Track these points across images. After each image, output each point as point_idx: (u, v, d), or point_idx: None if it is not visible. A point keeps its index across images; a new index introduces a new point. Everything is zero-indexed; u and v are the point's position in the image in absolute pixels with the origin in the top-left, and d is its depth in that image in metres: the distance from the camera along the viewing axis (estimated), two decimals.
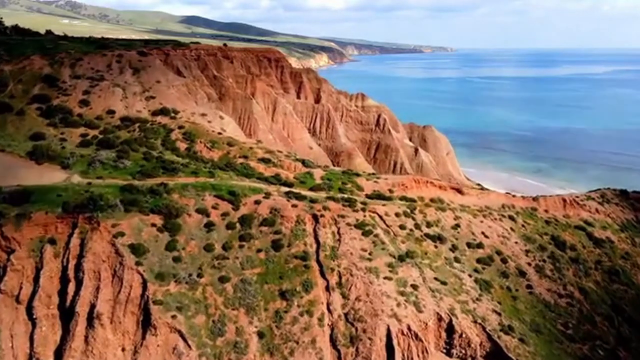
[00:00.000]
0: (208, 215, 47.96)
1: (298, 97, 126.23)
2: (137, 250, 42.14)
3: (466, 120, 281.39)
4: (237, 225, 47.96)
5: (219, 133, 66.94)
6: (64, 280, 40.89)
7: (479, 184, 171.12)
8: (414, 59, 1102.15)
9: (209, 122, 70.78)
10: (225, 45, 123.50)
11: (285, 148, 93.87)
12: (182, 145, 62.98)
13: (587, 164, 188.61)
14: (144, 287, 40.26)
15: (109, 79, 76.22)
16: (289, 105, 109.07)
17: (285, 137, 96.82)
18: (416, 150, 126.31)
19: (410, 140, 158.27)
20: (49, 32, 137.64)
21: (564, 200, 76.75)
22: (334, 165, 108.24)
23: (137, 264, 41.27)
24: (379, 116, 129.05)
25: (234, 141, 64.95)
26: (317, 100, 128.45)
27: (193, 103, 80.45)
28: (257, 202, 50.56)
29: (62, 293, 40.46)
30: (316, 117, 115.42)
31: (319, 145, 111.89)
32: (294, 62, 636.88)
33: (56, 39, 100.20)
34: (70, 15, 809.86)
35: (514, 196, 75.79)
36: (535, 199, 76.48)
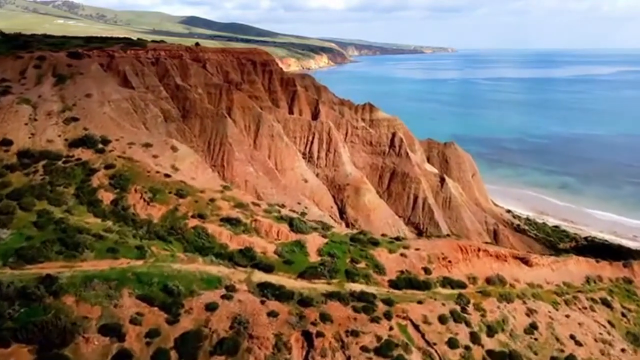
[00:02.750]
0: (121, 338, 30.77)
1: (290, 111, 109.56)
2: None
3: (474, 126, 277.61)
4: (172, 354, 30.66)
5: (167, 175, 49.84)
6: None
7: (509, 211, 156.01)
8: (414, 59, 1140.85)
9: (155, 156, 53.77)
10: (197, 44, 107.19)
11: (270, 184, 76.92)
12: (107, 197, 45.86)
13: (617, 178, 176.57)
14: None
15: (17, 91, 59.62)
16: (278, 124, 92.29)
17: (272, 169, 79.88)
18: (442, 180, 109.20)
19: (429, 160, 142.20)
20: None
21: None
22: (336, 203, 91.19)
23: None
24: (394, 135, 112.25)
25: (187, 189, 47.83)
26: (315, 114, 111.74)
27: (139, 126, 63.58)
28: (211, 308, 33.47)
29: None
30: (313, 138, 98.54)
31: (317, 175, 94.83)
32: (294, 63, 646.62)
33: None
34: (67, 15, 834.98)
35: (597, 261, 58.54)
36: (627, 264, 59.43)
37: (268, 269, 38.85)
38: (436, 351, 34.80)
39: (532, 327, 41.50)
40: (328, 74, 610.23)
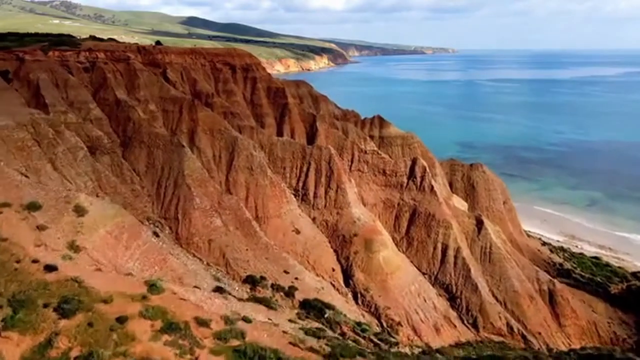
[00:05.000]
0: None
1: (279, 131, 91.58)
2: None
3: (483, 131, 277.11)
4: None
5: (51, 267, 31.45)
6: None
7: (544, 243, 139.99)
8: (415, 60, 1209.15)
9: (42, 227, 35.35)
10: (157, 43, 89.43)
11: (244, 243, 58.44)
12: None
13: None
14: None
15: None
16: (261, 151, 74.01)
17: (248, 219, 61.28)
18: (479, 224, 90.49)
19: (451, 186, 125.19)
20: None
21: None
22: (339, 262, 72.60)
23: None
24: (414, 162, 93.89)
25: (81, 295, 29.50)
26: (312, 135, 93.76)
27: (40, 166, 45.34)
28: None
29: None
30: (309, 169, 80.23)
31: (313, 220, 76.37)
32: (293, 64, 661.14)
33: None
34: (64, 15, 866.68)
35: None
36: None
37: None
38: None
39: None
40: (328, 75, 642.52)
